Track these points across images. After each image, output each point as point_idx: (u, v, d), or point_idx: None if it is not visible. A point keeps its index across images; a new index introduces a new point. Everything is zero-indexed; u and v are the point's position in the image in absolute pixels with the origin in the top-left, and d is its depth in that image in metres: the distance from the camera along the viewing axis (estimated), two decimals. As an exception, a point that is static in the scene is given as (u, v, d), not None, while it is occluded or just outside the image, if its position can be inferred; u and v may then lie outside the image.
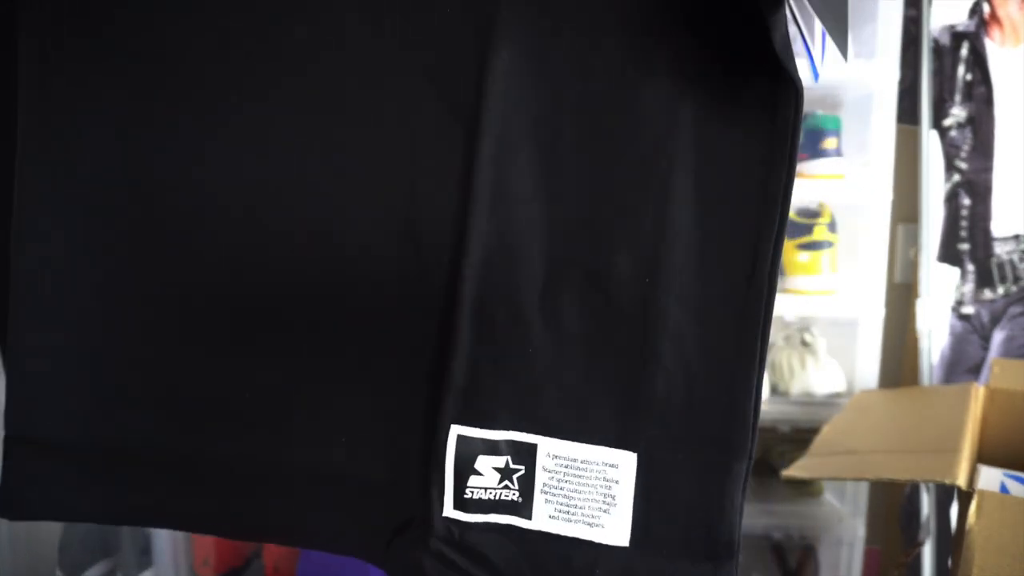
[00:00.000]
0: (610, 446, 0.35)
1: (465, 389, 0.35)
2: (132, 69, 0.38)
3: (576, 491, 0.35)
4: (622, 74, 0.34)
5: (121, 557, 1.47)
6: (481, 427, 0.35)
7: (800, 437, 1.30)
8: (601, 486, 0.34)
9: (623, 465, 0.34)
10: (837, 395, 1.30)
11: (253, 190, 0.38)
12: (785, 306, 1.32)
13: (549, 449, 0.35)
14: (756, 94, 0.35)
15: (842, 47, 0.34)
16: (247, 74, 0.37)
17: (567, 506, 0.35)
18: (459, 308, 0.34)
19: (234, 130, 0.38)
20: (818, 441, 0.94)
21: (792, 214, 1.36)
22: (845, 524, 1.31)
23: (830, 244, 1.31)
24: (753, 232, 0.34)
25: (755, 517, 1.31)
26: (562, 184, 0.35)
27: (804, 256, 1.33)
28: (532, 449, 0.35)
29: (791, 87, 0.35)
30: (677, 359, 0.34)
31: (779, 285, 1.34)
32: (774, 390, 1.35)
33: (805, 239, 1.32)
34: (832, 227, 1.32)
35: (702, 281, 0.34)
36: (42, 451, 0.40)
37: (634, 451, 0.35)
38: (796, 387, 1.32)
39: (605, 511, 0.34)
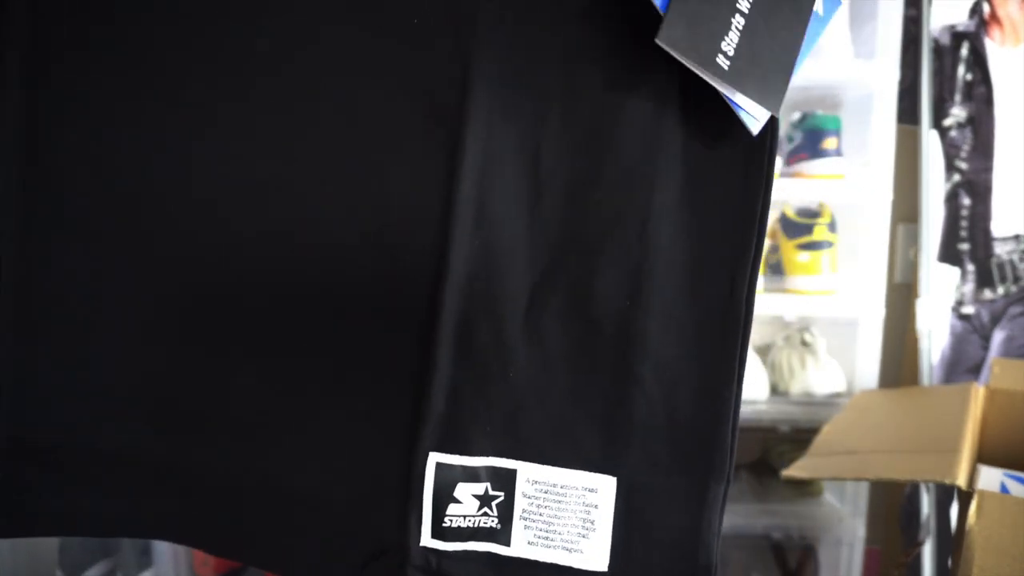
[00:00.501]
0: (590, 470, 0.34)
1: (444, 414, 0.34)
2: (113, 72, 0.38)
3: (555, 516, 0.34)
4: (607, 93, 0.34)
5: (121, 557, 1.46)
6: (460, 454, 0.34)
7: (800, 437, 1.30)
8: (580, 511, 0.34)
9: (602, 490, 0.34)
10: (837, 395, 1.30)
11: (227, 194, 0.37)
12: (785, 306, 1.32)
13: (529, 475, 0.34)
14: (734, 119, 0.34)
15: (773, 108, 0.34)
16: (226, 78, 0.37)
17: (546, 532, 0.35)
18: (439, 328, 0.34)
19: (209, 136, 0.37)
20: (818, 441, 0.94)
21: (792, 214, 1.36)
22: (845, 524, 1.31)
23: (830, 244, 1.31)
24: (731, 255, 0.34)
25: (755, 517, 1.31)
26: (546, 204, 0.34)
27: (804, 256, 1.33)
28: (512, 475, 0.34)
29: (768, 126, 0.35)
30: (658, 383, 0.34)
31: (779, 285, 1.35)
32: (774, 390, 1.35)
33: (805, 239, 1.32)
34: (832, 227, 1.32)
35: (682, 303, 0.34)
36: (31, 461, 0.39)
37: (614, 475, 0.34)
38: (796, 387, 1.32)
39: (584, 536, 0.34)
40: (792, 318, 1.37)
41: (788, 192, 1.33)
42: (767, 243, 1.38)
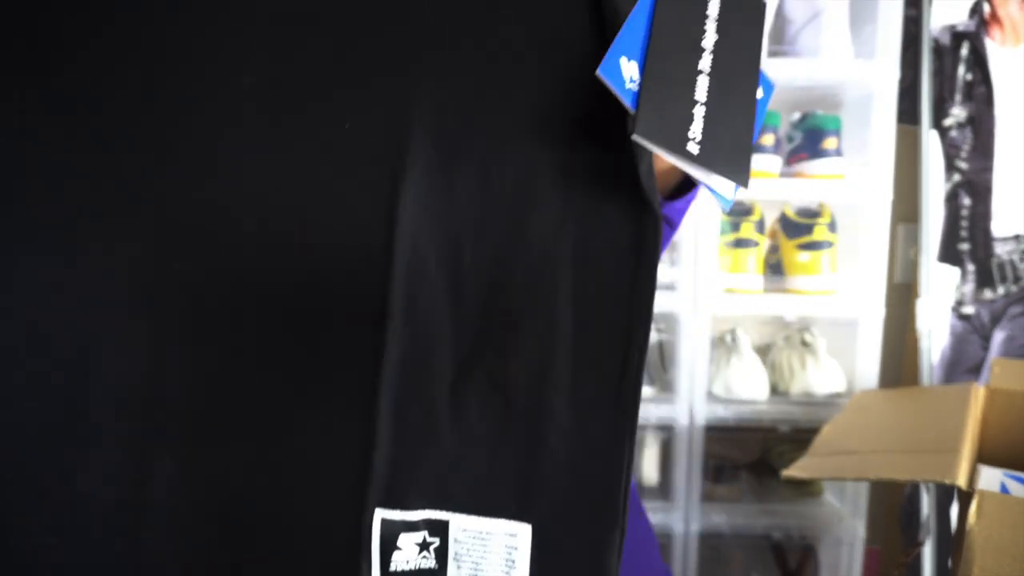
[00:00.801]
0: (510, 519, 0.41)
1: (386, 476, 0.40)
2: (94, 74, 0.39)
3: (483, 557, 0.41)
4: (521, 190, 0.39)
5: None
6: (401, 509, 0.40)
7: (800, 437, 1.30)
8: (504, 552, 0.41)
9: (521, 535, 0.41)
10: (837, 395, 1.30)
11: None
12: (785, 306, 1.32)
13: (459, 524, 0.41)
14: (627, 213, 0.40)
15: (742, 182, 0.38)
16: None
17: (476, 570, 0.41)
18: (379, 406, 0.39)
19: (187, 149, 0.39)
20: (818, 441, 0.94)
21: (792, 214, 1.36)
22: (845, 524, 1.31)
23: (830, 244, 1.31)
24: (624, 338, 0.40)
25: (755, 517, 1.31)
26: (466, 295, 0.40)
27: (804, 256, 1.33)
28: (445, 525, 0.41)
29: (651, 210, 0.40)
30: (562, 447, 0.41)
31: (779, 285, 1.35)
32: (774, 390, 1.35)
33: (805, 239, 1.32)
34: (832, 227, 1.32)
35: (583, 379, 0.40)
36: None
37: (529, 523, 0.41)
38: (796, 387, 1.32)
39: (507, 573, 0.41)
40: (792, 318, 1.37)
41: (788, 192, 1.33)
42: (767, 243, 1.38)
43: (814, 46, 1.28)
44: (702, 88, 0.37)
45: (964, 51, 1.39)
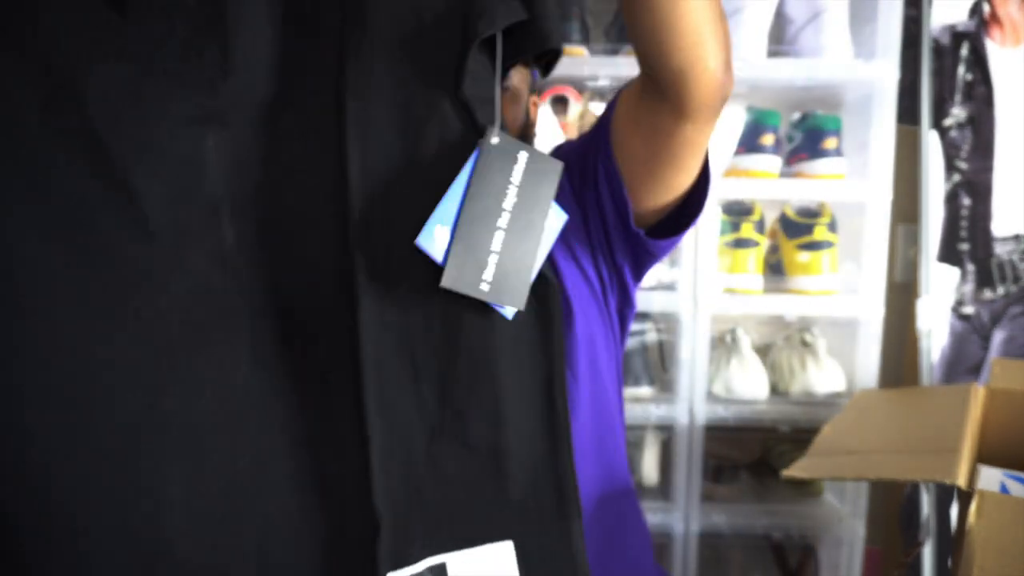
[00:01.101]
0: (494, 541, 0.51)
1: (389, 543, 0.48)
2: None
3: None
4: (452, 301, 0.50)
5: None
6: (407, 566, 0.49)
7: (800, 437, 1.30)
8: (497, 571, 0.51)
9: (506, 551, 0.51)
10: (837, 395, 1.30)
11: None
12: (785, 306, 1.32)
13: (456, 561, 0.50)
14: (540, 295, 0.52)
15: (518, 305, 0.50)
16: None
17: None
18: (375, 493, 0.49)
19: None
20: (818, 441, 0.94)
21: (792, 214, 1.36)
22: (845, 524, 1.31)
23: (830, 244, 1.31)
24: (545, 384, 0.52)
25: (755, 517, 1.31)
26: (424, 387, 0.51)
27: (804, 256, 1.33)
28: (443, 567, 0.50)
29: (549, 280, 0.52)
30: (520, 473, 0.51)
31: (779, 285, 1.35)
32: (774, 390, 1.35)
33: (805, 239, 1.32)
34: (832, 227, 1.32)
35: (525, 420, 0.51)
36: None
37: (510, 539, 0.51)
38: (796, 387, 1.32)
39: None
40: (792, 318, 1.37)
41: (788, 192, 1.33)
42: (767, 243, 1.38)
43: (814, 46, 1.28)
44: (498, 241, 0.49)
45: (964, 51, 1.39)
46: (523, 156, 0.51)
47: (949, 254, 1.39)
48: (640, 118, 0.62)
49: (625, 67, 1.23)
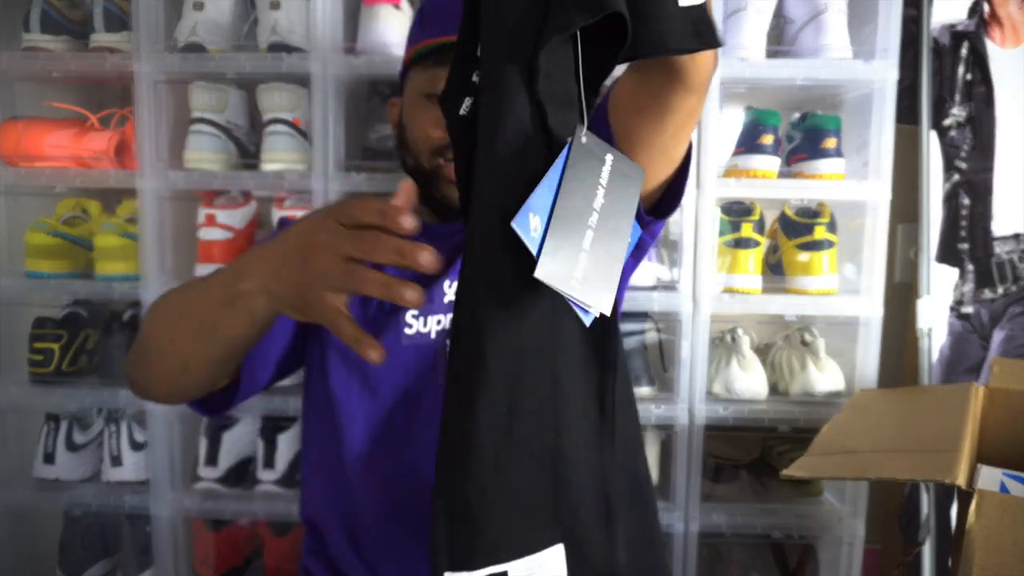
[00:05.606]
0: (548, 547, 0.52)
1: (446, 546, 0.49)
2: None
3: None
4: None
5: (121, 557, 1.46)
6: (466, 570, 0.49)
7: (800, 437, 1.30)
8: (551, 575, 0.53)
9: (558, 553, 0.52)
10: (837, 395, 1.30)
11: None
12: (785, 306, 1.32)
13: (513, 568, 0.50)
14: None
15: (604, 308, 0.49)
16: None
17: None
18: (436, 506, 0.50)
19: None
20: (818, 441, 0.94)
21: (792, 214, 1.36)
22: (845, 524, 1.31)
23: (830, 244, 1.31)
24: (599, 391, 0.54)
25: (755, 517, 1.31)
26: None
27: (804, 256, 1.33)
28: (505, 573, 0.50)
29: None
30: (576, 476, 0.53)
31: (779, 285, 1.35)
32: (774, 390, 1.35)
33: (805, 239, 1.32)
34: (832, 227, 1.32)
35: (581, 426, 0.53)
36: None
37: (560, 541, 0.52)
38: (796, 387, 1.32)
39: None
40: (792, 318, 1.37)
41: (788, 192, 1.33)
42: (767, 243, 1.38)
43: (814, 46, 1.28)
44: (588, 240, 0.48)
45: (964, 51, 1.39)
46: (610, 158, 0.51)
47: (949, 254, 1.40)
48: (644, 104, 0.63)
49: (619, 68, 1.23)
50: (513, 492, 0.50)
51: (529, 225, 0.46)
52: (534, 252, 0.46)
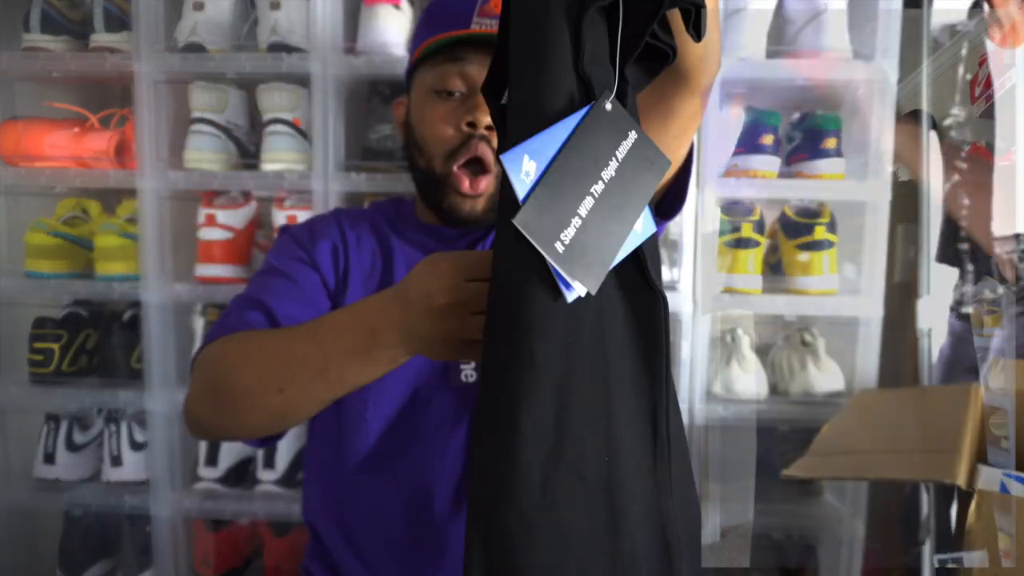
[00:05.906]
0: None
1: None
2: None
3: None
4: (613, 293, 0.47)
5: (121, 557, 1.47)
6: None
7: (800, 437, 1.30)
8: None
9: None
10: (837, 395, 1.30)
11: None
12: (785, 306, 1.32)
13: None
14: (648, 308, 0.48)
15: (591, 288, 0.45)
16: None
17: None
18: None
19: None
20: (818, 441, 0.94)
21: (792, 214, 1.36)
22: (845, 524, 1.31)
23: (830, 244, 1.31)
24: (652, 410, 0.48)
25: (755, 517, 1.31)
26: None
27: (804, 256, 1.33)
28: None
29: (659, 297, 0.48)
30: (628, 502, 0.47)
31: (779, 285, 1.35)
32: (774, 390, 1.35)
33: (805, 239, 1.32)
34: (832, 227, 1.32)
35: (633, 449, 0.48)
36: None
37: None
38: (796, 387, 1.32)
39: None
40: (792, 318, 1.37)
41: (788, 192, 1.33)
42: (767, 243, 1.38)
43: (814, 46, 1.28)
44: (586, 206, 0.44)
45: (964, 51, 1.39)
46: (633, 135, 0.46)
47: (949, 254, 1.39)
48: (648, 109, 0.64)
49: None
50: (563, 526, 0.44)
51: (521, 166, 0.42)
52: (520, 196, 0.42)
